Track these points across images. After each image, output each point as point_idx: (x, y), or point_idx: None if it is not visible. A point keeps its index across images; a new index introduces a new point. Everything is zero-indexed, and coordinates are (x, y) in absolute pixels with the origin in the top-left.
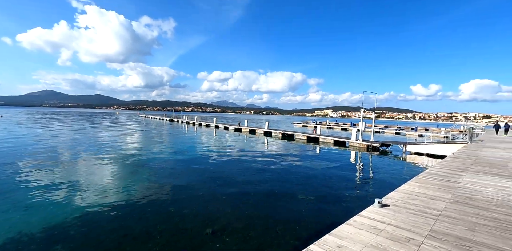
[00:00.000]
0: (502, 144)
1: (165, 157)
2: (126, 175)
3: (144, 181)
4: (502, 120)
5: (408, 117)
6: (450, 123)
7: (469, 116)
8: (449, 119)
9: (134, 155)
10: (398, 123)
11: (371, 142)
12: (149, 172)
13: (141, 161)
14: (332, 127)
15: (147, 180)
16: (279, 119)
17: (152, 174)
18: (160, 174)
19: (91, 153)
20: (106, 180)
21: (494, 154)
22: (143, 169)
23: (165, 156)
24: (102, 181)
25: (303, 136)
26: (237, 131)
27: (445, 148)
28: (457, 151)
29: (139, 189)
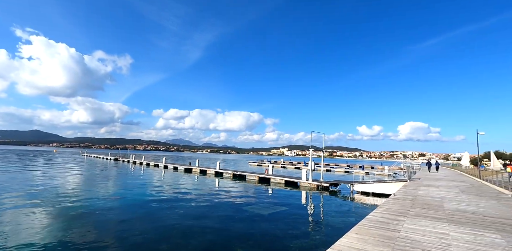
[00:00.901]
0: (436, 181)
1: (93, 205)
2: (41, 228)
3: (61, 237)
4: (434, 158)
5: (356, 156)
6: (393, 161)
7: (407, 154)
8: (391, 157)
9: (55, 202)
10: (348, 161)
11: (320, 182)
12: (67, 227)
13: (61, 210)
14: (286, 166)
15: (64, 236)
16: (236, 158)
17: (72, 230)
18: (83, 230)
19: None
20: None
21: (430, 193)
22: (62, 221)
23: (93, 203)
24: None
25: (254, 176)
26: (187, 171)
27: (388, 186)
28: (398, 191)
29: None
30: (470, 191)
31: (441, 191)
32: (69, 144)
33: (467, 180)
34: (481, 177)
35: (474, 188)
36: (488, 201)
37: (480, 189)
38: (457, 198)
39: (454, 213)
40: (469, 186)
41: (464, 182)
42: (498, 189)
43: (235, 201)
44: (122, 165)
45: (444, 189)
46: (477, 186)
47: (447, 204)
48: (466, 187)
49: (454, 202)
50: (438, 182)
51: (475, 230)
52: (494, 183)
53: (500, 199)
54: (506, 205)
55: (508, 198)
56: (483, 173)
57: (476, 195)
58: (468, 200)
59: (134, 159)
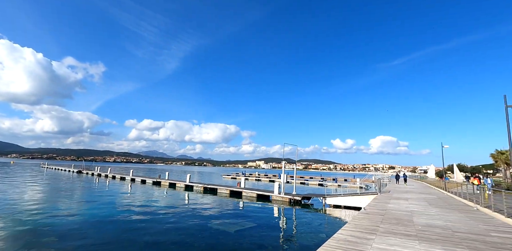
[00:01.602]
0: (405, 194)
1: (44, 223)
2: None
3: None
4: (403, 170)
5: (330, 168)
6: (364, 174)
7: (378, 167)
8: (363, 170)
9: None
10: (322, 174)
11: (293, 196)
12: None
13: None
14: (260, 179)
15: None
16: (212, 171)
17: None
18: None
19: None
20: None
21: (400, 206)
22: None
23: (46, 220)
24: None
25: (226, 190)
26: (156, 184)
27: (359, 199)
28: (368, 205)
29: None
30: (437, 204)
31: (411, 204)
32: (31, 155)
33: (434, 192)
34: (446, 189)
35: (441, 201)
36: (455, 214)
37: (446, 202)
38: (426, 212)
39: (424, 229)
40: (436, 198)
41: (431, 195)
42: (463, 201)
43: (201, 217)
44: (86, 178)
45: (413, 202)
46: (443, 199)
47: (417, 218)
48: (433, 200)
49: (423, 216)
50: (407, 194)
51: (447, 249)
52: (459, 195)
53: (467, 212)
54: (473, 219)
55: (474, 210)
56: (447, 185)
57: (443, 208)
58: (436, 214)
59: (99, 171)
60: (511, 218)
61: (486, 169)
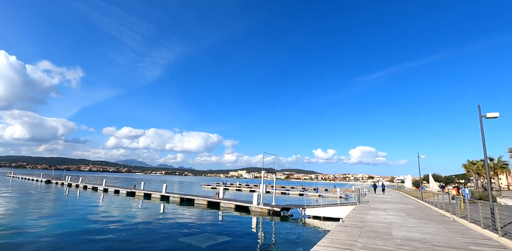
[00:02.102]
0: (383, 204)
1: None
2: None
3: None
4: (381, 180)
5: (312, 178)
6: (345, 183)
7: (358, 177)
8: (344, 179)
9: None
10: (303, 183)
11: (272, 206)
12: None
13: None
14: (241, 189)
15: None
16: (192, 181)
17: None
18: None
19: None
20: None
21: (379, 217)
22: None
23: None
24: None
25: (203, 200)
26: (130, 195)
27: (338, 210)
28: (347, 216)
29: None
30: (415, 215)
31: (389, 215)
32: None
33: (411, 202)
34: (423, 198)
35: (419, 211)
36: (433, 225)
37: (424, 212)
38: (404, 223)
39: (403, 243)
40: (413, 208)
41: (409, 205)
42: (440, 212)
43: (175, 230)
44: (55, 188)
45: (391, 212)
46: (421, 209)
47: (395, 230)
48: (411, 210)
49: (402, 228)
50: (386, 205)
51: None
52: (435, 205)
53: (444, 223)
54: (451, 230)
55: (451, 221)
56: (424, 194)
57: (421, 219)
58: (415, 225)
59: (70, 181)
60: (488, 229)
61: (458, 179)
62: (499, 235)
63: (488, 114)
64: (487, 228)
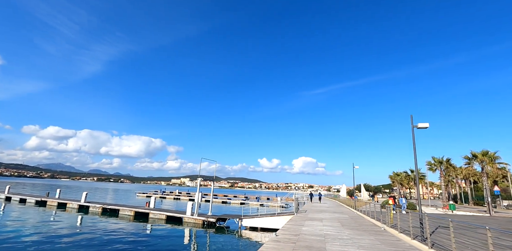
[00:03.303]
0: (320, 214)
1: None
2: None
3: None
4: (320, 189)
5: (256, 187)
6: (286, 192)
7: (299, 186)
8: (286, 188)
9: None
10: (246, 192)
11: (207, 217)
12: None
13: None
14: (180, 198)
15: None
16: (128, 188)
17: None
18: None
19: None
20: None
21: (314, 228)
22: None
23: None
24: None
25: (130, 211)
26: (40, 205)
27: (276, 220)
28: (282, 228)
29: None
30: (350, 225)
31: (325, 226)
32: None
33: (345, 211)
34: (356, 207)
35: (353, 221)
36: (367, 237)
37: (357, 222)
38: (339, 235)
39: None
40: (348, 218)
41: (343, 214)
42: (372, 221)
43: (89, 247)
44: None
45: (327, 223)
46: (354, 218)
47: (330, 245)
48: (346, 220)
49: (337, 242)
50: (322, 214)
51: None
52: (367, 214)
53: (376, 233)
54: (383, 242)
55: (382, 231)
56: (357, 203)
57: (355, 230)
58: (349, 237)
59: None
60: (417, 240)
61: (385, 188)
62: (428, 246)
63: (420, 124)
64: (416, 238)
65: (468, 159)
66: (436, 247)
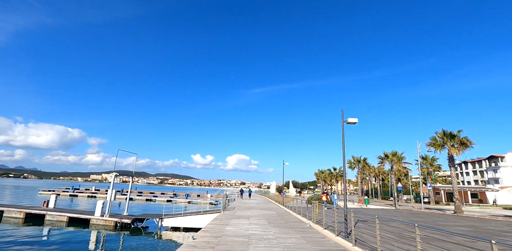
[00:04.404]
0: (248, 211)
1: None
2: None
3: None
4: (251, 186)
5: (188, 183)
6: (217, 189)
7: (232, 183)
8: (218, 185)
9: None
10: (176, 189)
11: (121, 218)
12: None
13: None
14: (96, 195)
15: None
16: (33, 185)
17: None
18: None
19: None
20: None
21: (239, 228)
22: None
23: None
24: None
25: (19, 213)
26: None
27: (201, 219)
28: (203, 230)
29: None
30: (276, 222)
31: (251, 225)
32: None
33: (274, 207)
34: (284, 203)
35: (280, 218)
36: (292, 235)
37: (284, 218)
38: (264, 234)
39: None
40: (275, 215)
41: (271, 210)
42: (298, 217)
43: None
44: None
45: (254, 220)
46: (281, 215)
47: (253, 247)
48: (273, 217)
49: (261, 243)
50: (250, 211)
51: None
52: (294, 210)
53: (302, 231)
54: (308, 240)
55: (307, 228)
56: (285, 199)
57: (282, 228)
58: (275, 237)
59: None
60: (341, 237)
61: (310, 185)
62: (352, 243)
63: (349, 119)
64: (340, 234)
65: (381, 158)
66: (359, 243)
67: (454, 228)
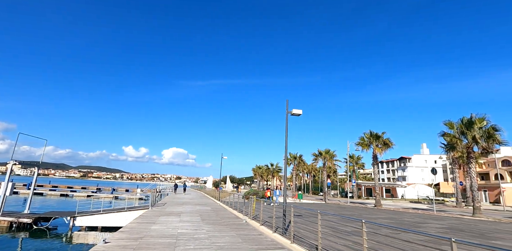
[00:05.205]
0: (180, 206)
1: None
2: None
3: None
4: (187, 181)
5: (116, 177)
6: (149, 183)
7: (167, 177)
8: (152, 179)
9: None
10: (102, 183)
11: (18, 217)
12: None
13: None
14: None
15: None
16: None
17: None
18: None
19: None
20: None
21: (167, 226)
22: None
23: None
24: None
25: None
26: None
27: (125, 216)
28: (122, 229)
29: None
30: (211, 219)
31: (181, 222)
32: None
33: (209, 202)
34: (219, 198)
35: (214, 214)
36: (227, 233)
37: (219, 214)
38: (196, 233)
39: None
40: (210, 210)
41: (206, 206)
42: (234, 213)
43: None
44: None
45: (185, 217)
46: (217, 210)
47: (181, 250)
48: (207, 213)
49: (191, 243)
50: (183, 207)
51: None
52: (230, 206)
53: (238, 228)
54: (244, 238)
55: (244, 224)
56: (221, 194)
57: (216, 225)
58: (207, 236)
59: None
60: (278, 233)
61: (247, 180)
62: (291, 240)
63: (294, 110)
64: (277, 231)
65: (315, 155)
66: (298, 239)
67: (379, 220)
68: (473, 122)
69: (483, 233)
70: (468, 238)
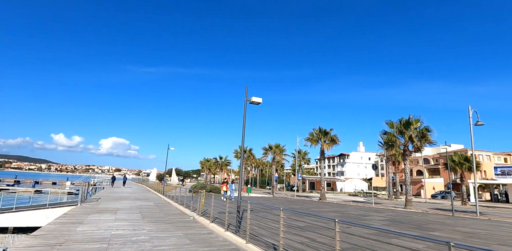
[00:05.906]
0: (118, 202)
1: None
2: None
3: None
4: (128, 173)
5: (42, 168)
6: (82, 175)
7: (104, 169)
8: (86, 171)
9: None
10: (21, 175)
11: None
12: None
13: None
14: None
15: None
16: None
17: None
18: None
19: None
20: None
21: (98, 228)
22: None
23: None
24: None
25: None
26: None
27: (44, 215)
28: (37, 232)
29: None
30: (153, 216)
31: (116, 221)
32: None
33: (152, 197)
34: (164, 193)
35: (158, 210)
36: (172, 233)
37: (163, 210)
38: (134, 235)
39: None
40: (152, 206)
41: (148, 201)
42: (180, 209)
43: None
44: None
45: (122, 215)
46: (160, 205)
47: None
48: (149, 209)
49: (127, 248)
50: (120, 202)
51: None
52: (175, 200)
53: (185, 226)
54: (192, 239)
55: (191, 221)
56: (165, 188)
57: (159, 223)
58: (148, 238)
59: None
60: (230, 231)
61: (194, 173)
62: (245, 240)
63: (253, 98)
64: (229, 228)
65: (265, 149)
66: (253, 238)
67: (326, 214)
68: (411, 123)
69: (419, 224)
70: (409, 230)
